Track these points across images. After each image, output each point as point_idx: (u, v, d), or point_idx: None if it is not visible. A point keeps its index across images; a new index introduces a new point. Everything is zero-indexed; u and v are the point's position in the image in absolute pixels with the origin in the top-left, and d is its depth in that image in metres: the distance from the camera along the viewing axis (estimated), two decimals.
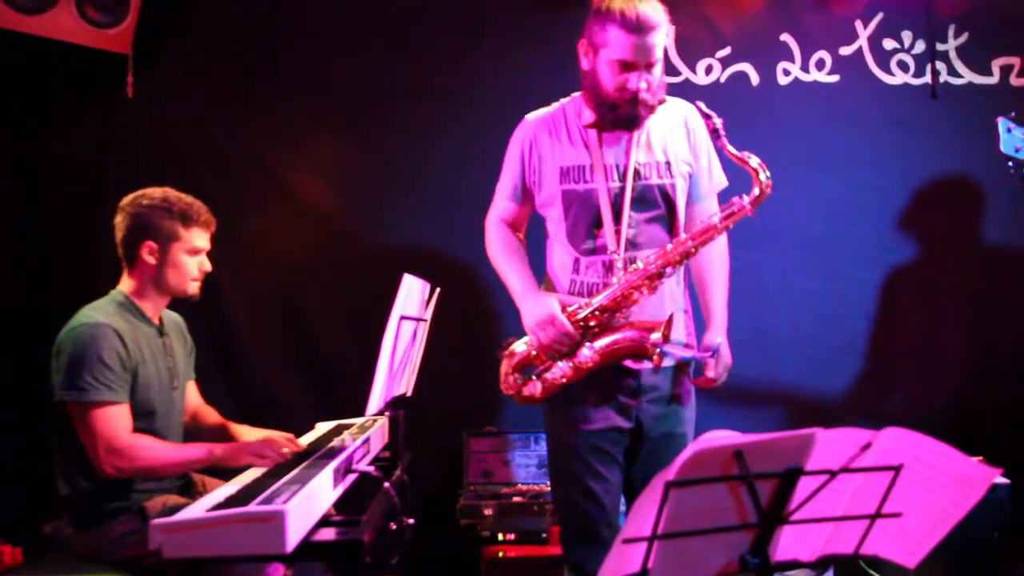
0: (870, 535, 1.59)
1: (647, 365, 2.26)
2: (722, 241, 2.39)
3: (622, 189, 2.27)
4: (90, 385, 2.10)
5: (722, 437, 1.37)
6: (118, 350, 2.15)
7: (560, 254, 2.36)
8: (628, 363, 2.28)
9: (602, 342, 2.22)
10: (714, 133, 2.19)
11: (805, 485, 1.46)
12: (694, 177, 2.37)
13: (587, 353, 2.23)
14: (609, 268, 2.27)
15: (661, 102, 2.27)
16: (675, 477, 1.35)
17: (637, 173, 2.28)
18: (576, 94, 2.38)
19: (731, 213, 2.20)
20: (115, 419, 2.12)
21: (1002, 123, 2.50)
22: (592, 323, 2.24)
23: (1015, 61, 3.40)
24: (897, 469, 1.49)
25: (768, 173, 2.18)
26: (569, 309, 2.25)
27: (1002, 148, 2.50)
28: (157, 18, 3.19)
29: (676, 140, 2.34)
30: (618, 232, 2.26)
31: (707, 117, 2.19)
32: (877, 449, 1.48)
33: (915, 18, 3.40)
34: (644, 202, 2.29)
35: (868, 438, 1.47)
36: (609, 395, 2.29)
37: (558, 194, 2.31)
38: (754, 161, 2.18)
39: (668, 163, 2.31)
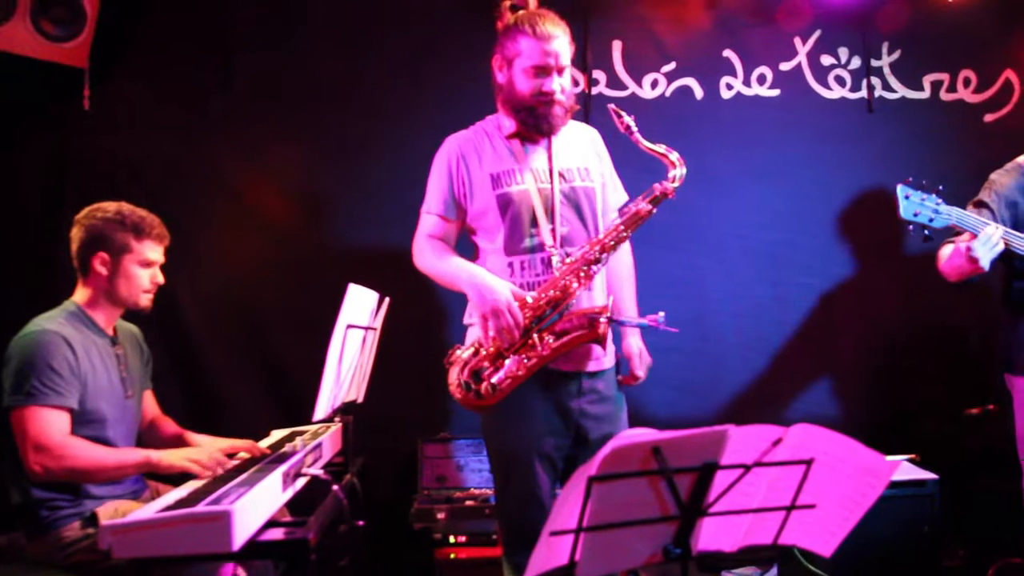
0: (787, 526, 1.68)
1: (589, 367, 2.38)
2: (626, 250, 2.57)
3: (551, 189, 2.41)
4: (36, 390, 2.13)
5: (640, 434, 1.46)
6: (67, 356, 2.18)
7: (494, 263, 2.43)
8: (566, 367, 2.37)
9: (555, 331, 2.31)
10: (627, 130, 2.35)
11: (722, 479, 1.55)
12: (603, 190, 2.52)
13: (540, 343, 2.31)
14: (548, 264, 2.38)
15: (574, 108, 2.46)
16: (596, 472, 1.43)
17: (562, 175, 2.43)
18: (490, 116, 2.54)
19: (655, 196, 2.33)
20: (49, 419, 2.13)
21: (900, 190, 2.49)
22: (539, 314, 2.33)
23: (944, 77, 3.57)
24: (808, 463, 1.59)
25: (683, 165, 2.32)
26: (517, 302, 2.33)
27: (902, 214, 2.48)
28: (114, 32, 3.21)
29: (588, 154, 2.52)
30: (553, 230, 2.39)
31: (619, 116, 2.35)
32: (788, 444, 1.58)
33: (851, 35, 3.55)
34: (571, 202, 2.43)
35: (778, 434, 1.56)
36: (550, 399, 2.38)
37: (492, 200, 2.41)
38: (674, 155, 2.33)
39: (587, 168, 2.48)
